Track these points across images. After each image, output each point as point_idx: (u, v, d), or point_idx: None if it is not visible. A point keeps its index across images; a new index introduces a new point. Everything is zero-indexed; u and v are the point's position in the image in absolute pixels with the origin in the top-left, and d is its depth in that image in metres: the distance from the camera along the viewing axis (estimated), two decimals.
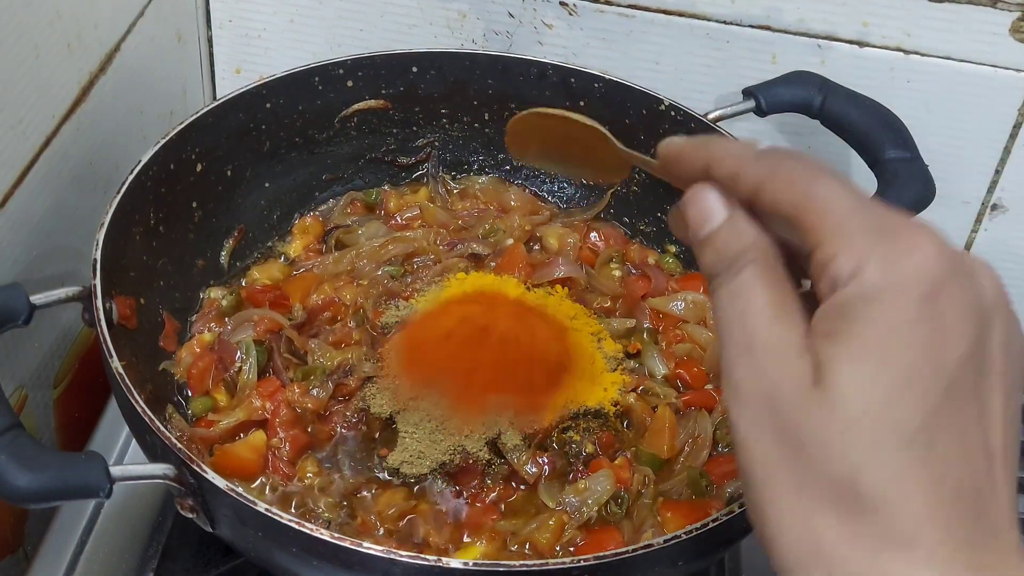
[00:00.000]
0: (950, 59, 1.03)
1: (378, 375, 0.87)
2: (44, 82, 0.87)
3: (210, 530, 0.72)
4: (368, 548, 0.65)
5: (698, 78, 1.07)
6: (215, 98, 1.04)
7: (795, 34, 1.04)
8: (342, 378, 0.86)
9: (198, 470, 0.68)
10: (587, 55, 1.08)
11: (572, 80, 1.01)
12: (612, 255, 1.01)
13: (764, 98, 0.97)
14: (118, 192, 0.83)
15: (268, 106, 0.97)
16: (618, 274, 1.01)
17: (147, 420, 0.70)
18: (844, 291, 0.44)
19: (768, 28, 1.04)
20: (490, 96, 1.04)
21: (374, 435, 0.85)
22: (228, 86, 1.14)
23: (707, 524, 0.69)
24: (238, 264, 0.99)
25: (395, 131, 1.05)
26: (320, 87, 0.99)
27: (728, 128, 0.96)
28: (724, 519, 0.69)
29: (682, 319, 0.96)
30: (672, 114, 0.98)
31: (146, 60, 1.04)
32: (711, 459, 0.86)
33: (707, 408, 0.89)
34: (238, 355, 0.88)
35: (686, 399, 0.90)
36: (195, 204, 0.94)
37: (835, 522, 0.43)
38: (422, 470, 0.80)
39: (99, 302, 0.77)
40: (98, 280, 0.77)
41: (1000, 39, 1.00)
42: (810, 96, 0.97)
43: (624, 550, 0.67)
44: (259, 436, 0.84)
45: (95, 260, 0.79)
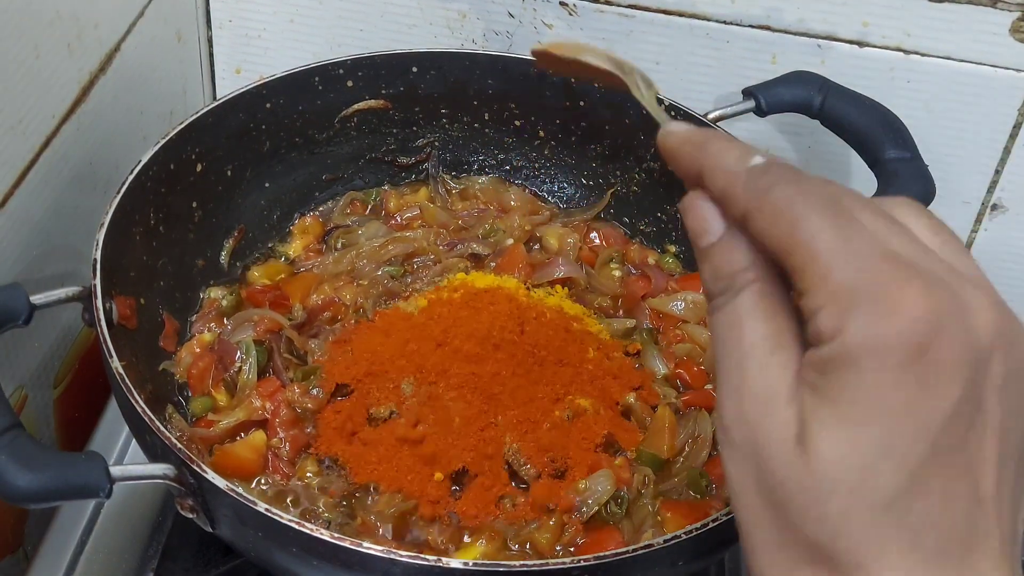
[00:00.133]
0: (950, 59, 1.03)
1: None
2: (44, 82, 0.87)
3: (210, 530, 0.72)
4: (368, 548, 0.65)
5: (698, 78, 1.07)
6: (215, 98, 1.04)
7: (795, 34, 1.04)
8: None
9: (198, 470, 0.68)
10: None
11: (572, 80, 1.01)
12: (612, 255, 1.01)
13: (764, 98, 0.97)
14: (118, 192, 0.83)
15: (268, 106, 0.97)
16: (618, 274, 1.01)
17: (147, 420, 0.71)
18: (827, 348, 0.43)
19: (768, 28, 1.04)
20: (490, 96, 1.04)
21: None
22: (228, 86, 1.14)
23: (707, 524, 0.69)
24: (238, 264, 0.99)
25: (395, 131, 1.05)
26: (320, 87, 0.99)
27: (728, 128, 0.96)
28: (724, 519, 0.69)
29: (682, 319, 0.96)
30: (672, 114, 0.98)
31: (146, 60, 1.04)
32: (711, 459, 0.86)
33: (707, 408, 0.89)
34: (238, 355, 0.88)
35: (686, 399, 0.90)
36: (195, 204, 0.94)
37: None
38: None
39: (99, 302, 0.77)
40: (98, 280, 0.77)
41: (1000, 39, 1.00)
42: (810, 96, 0.97)
43: (624, 550, 0.67)
44: (259, 436, 0.84)
45: (95, 260, 0.79)
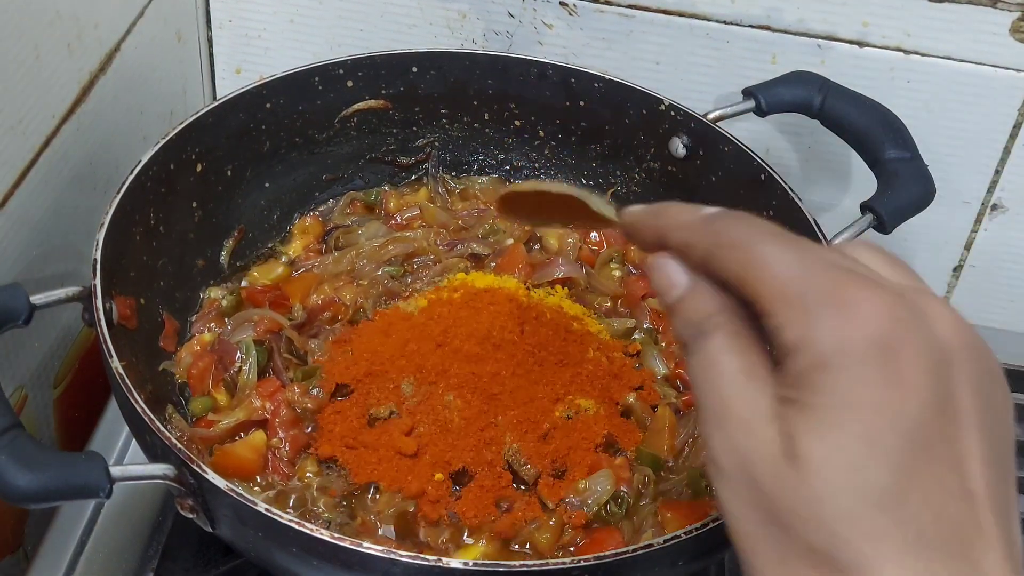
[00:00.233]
0: (950, 59, 1.03)
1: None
2: (44, 82, 0.87)
3: (210, 530, 0.72)
4: (368, 548, 0.65)
5: (698, 78, 1.07)
6: (215, 98, 1.04)
7: (795, 34, 1.04)
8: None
9: (198, 470, 0.68)
10: (587, 55, 1.08)
11: (572, 80, 1.01)
12: (612, 255, 1.01)
13: (764, 98, 0.97)
14: (118, 192, 0.83)
15: (268, 106, 0.97)
16: (618, 274, 1.01)
17: (147, 420, 0.70)
18: (796, 360, 0.44)
19: (768, 28, 1.04)
20: (490, 96, 1.04)
21: None
22: (228, 86, 1.14)
23: (707, 524, 0.69)
24: (238, 264, 0.99)
25: (395, 131, 1.05)
26: (320, 87, 0.99)
27: (728, 128, 0.96)
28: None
29: None
30: (672, 114, 0.98)
31: (146, 60, 1.04)
32: None
33: None
34: (238, 355, 0.88)
35: (686, 399, 0.90)
36: (195, 204, 0.94)
37: None
38: None
39: (99, 302, 0.76)
40: (98, 280, 0.77)
41: (1000, 39, 1.00)
42: (810, 96, 0.97)
43: (624, 550, 0.67)
44: (259, 436, 0.84)
45: (95, 260, 0.79)
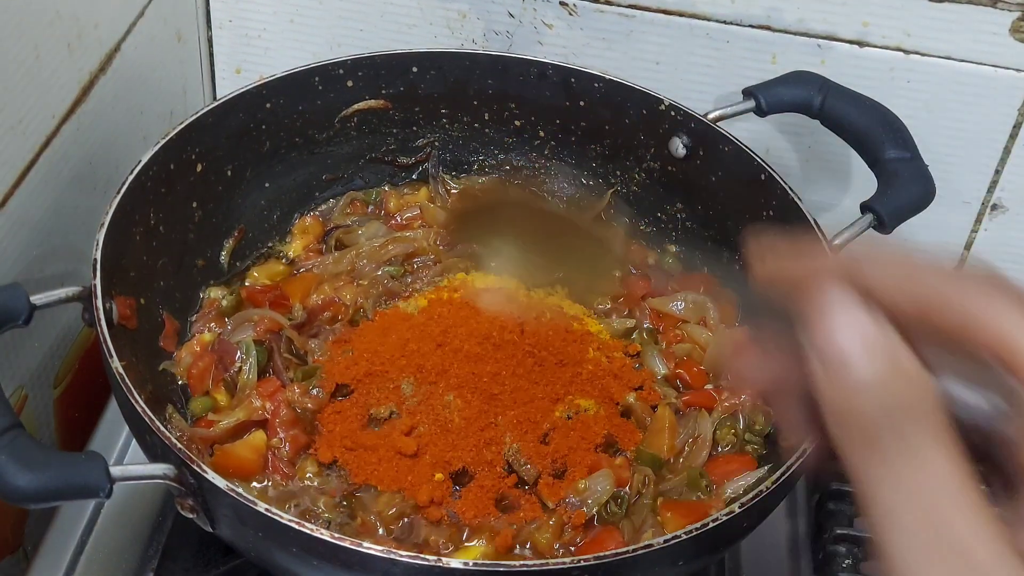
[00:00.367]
0: (950, 59, 1.03)
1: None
2: (44, 82, 0.87)
3: (210, 530, 0.72)
4: (368, 548, 0.65)
5: (698, 78, 1.07)
6: (215, 98, 1.04)
7: (795, 34, 1.04)
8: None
9: (198, 470, 0.68)
10: (587, 55, 1.08)
11: (572, 80, 1.01)
12: None
13: (764, 98, 0.97)
14: (118, 192, 0.83)
15: (268, 106, 0.97)
16: (618, 274, 1.01)
17: (147, 420, 0.70)
18: None
19: (768, 28, 1.04)
20: (490, 96, 1.04)
21: None
22: (228, 86, 1.14)
23: (707, 524, 0.69)
24: (238, 264, 0.99)
25: (395, 131, 1.05)
26: (320, 87, 0.99)
27: (728, 128, 0.96)
28: (724, 519, 0.69)
29: (682, 319, 0.96)
30: (672, 114, 0.98)
31: (146, 60, 1.04)
32: (711, 459, 0.86)
33: (707, 408, 0.89)
34: (238, 355, 0.88)
35: (686, 399, 0.90)
36: (195, 204, 0.94)
37: None
38: None
39: (99, 302, 0.76)
40: (98, 280, 0.77)
41: (1000, 39, 1.00)
42: (810, 96, 0.97)
43: (624, 550, 0.67)
44: (259, 436, 0.83)
45: (95, 260, 0.79)
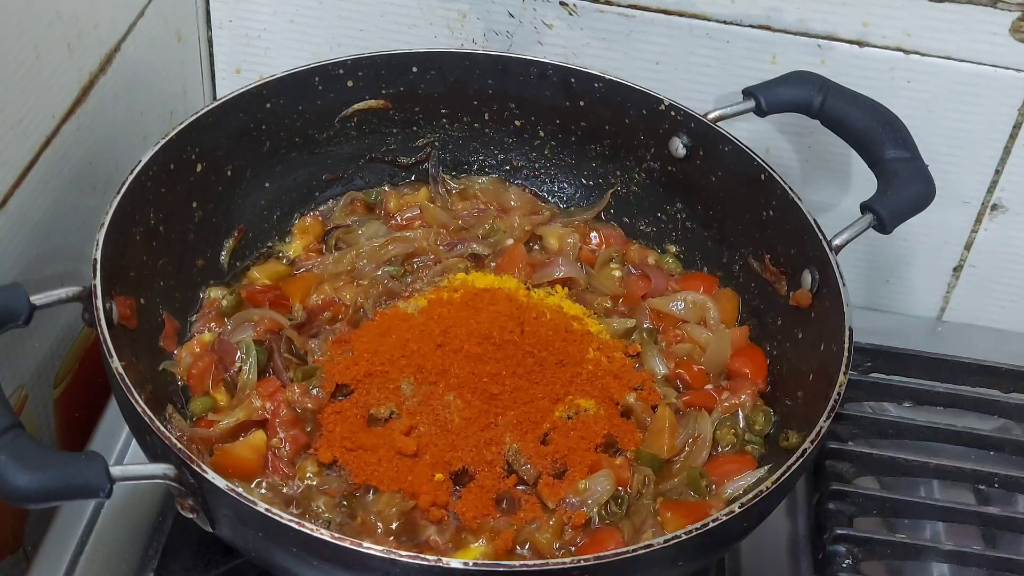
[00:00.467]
0: (950, 59, 1.03)
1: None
2: (44, 82, 0.87)
3: (210, 530, 0.72)
4: (368, 548, 0.65)
5: (698, 78, 1.07)
6: (215, 98, 1.04)
7: (795, 34, 1.04)
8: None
9: (198, 470, 0.68)
10: (587, 55, 1.08)
11: (572, 80, 1.01)
12: (612, 255, 1.01)
13: (764, 98, 0.97)
14: (118, 192, 0.83)
15: (268, 106, 0.97)
16: (618, 274, 1.01)
17: (147, 420, 0.70)
18: None
19: (768, 28, 1.04)
20: (490, 96, 1.04)
21: None
22: (228, 86, 1.14)
23: (707, 524, 0.69)
24: (238, 264, 0.99)
25: (395, 131, 1.05)
26: (320, 87, 0.99)
27: (728, 128, 0.96)
28: (724, 519, 0.69)
29: (682, 319, 0.96)
30: (672, 114, 0.98)
31: (146, 60, 1.04)
32: (711, 459, 0.86)
33: (707, 408, 0.89)
34: (238, 355, 0.88)
35: (686, 399, 0.90)
36: (195, 204, 0.94)
37: None
38: None
39: (99, 302, 0.76)
40: (98, 280, 0.77)
41: (1000, 39, 1.00)
42: (810, 96, 0.97)
43: (624, 550, 0.67)
44: (259, 436, 0.84)
45: (95, 260, 0.79)
